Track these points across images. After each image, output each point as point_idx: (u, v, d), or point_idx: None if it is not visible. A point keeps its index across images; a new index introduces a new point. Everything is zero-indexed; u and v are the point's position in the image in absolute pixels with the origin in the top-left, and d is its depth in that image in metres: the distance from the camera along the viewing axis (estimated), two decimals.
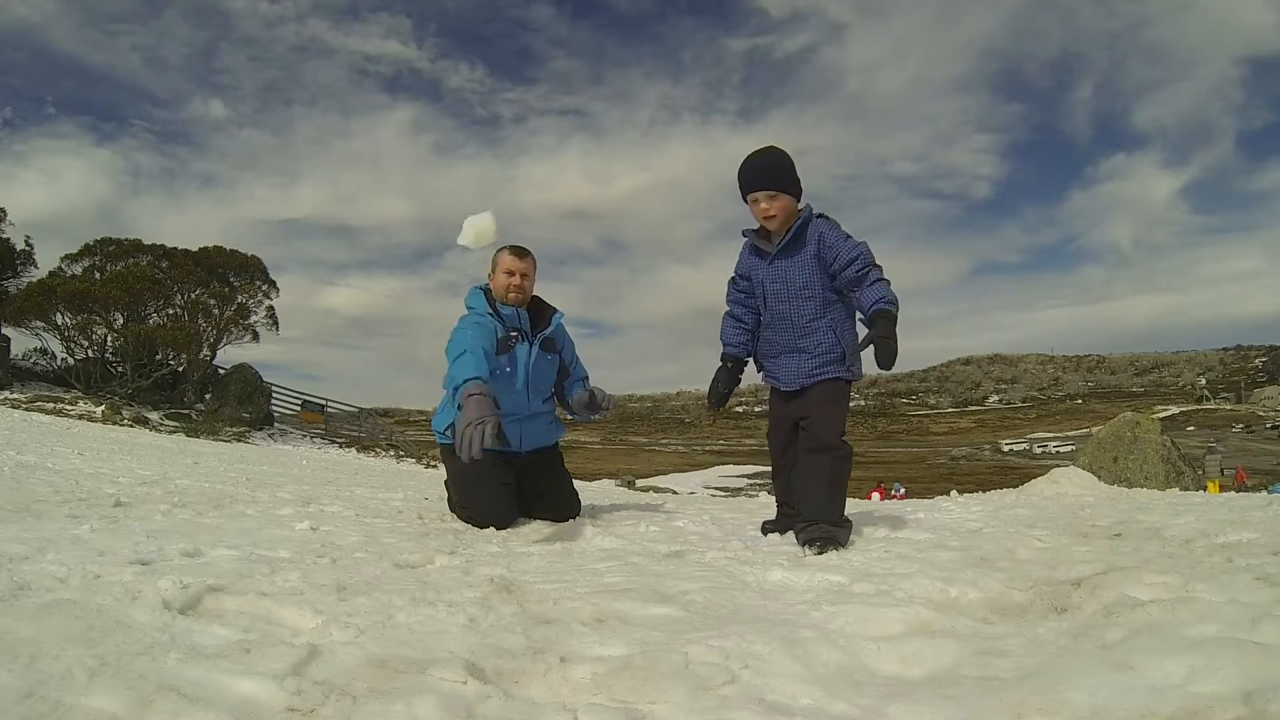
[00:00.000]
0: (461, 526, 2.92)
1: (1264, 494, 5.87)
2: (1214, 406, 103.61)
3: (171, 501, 3.08)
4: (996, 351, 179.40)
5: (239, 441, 14.27)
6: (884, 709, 1.09)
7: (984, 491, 7.40)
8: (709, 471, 67.08)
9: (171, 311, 18.47)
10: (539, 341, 3.01)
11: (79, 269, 18.38)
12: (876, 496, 14.96)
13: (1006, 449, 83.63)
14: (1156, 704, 1.00)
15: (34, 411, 12.11)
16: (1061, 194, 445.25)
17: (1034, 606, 1.63)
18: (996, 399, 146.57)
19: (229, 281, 19.45)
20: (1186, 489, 8.42)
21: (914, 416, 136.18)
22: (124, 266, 18.25)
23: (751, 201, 2.51)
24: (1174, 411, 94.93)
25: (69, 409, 13.29)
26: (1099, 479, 7.37)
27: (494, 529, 2.85)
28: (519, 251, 3.01)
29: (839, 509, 2.46)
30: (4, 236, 18.82)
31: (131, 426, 12.82)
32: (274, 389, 18.97)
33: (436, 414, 3.08)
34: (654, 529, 2.88)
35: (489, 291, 3.02)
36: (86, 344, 17.55)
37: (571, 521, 2.98)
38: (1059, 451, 68.07)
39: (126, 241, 19.28)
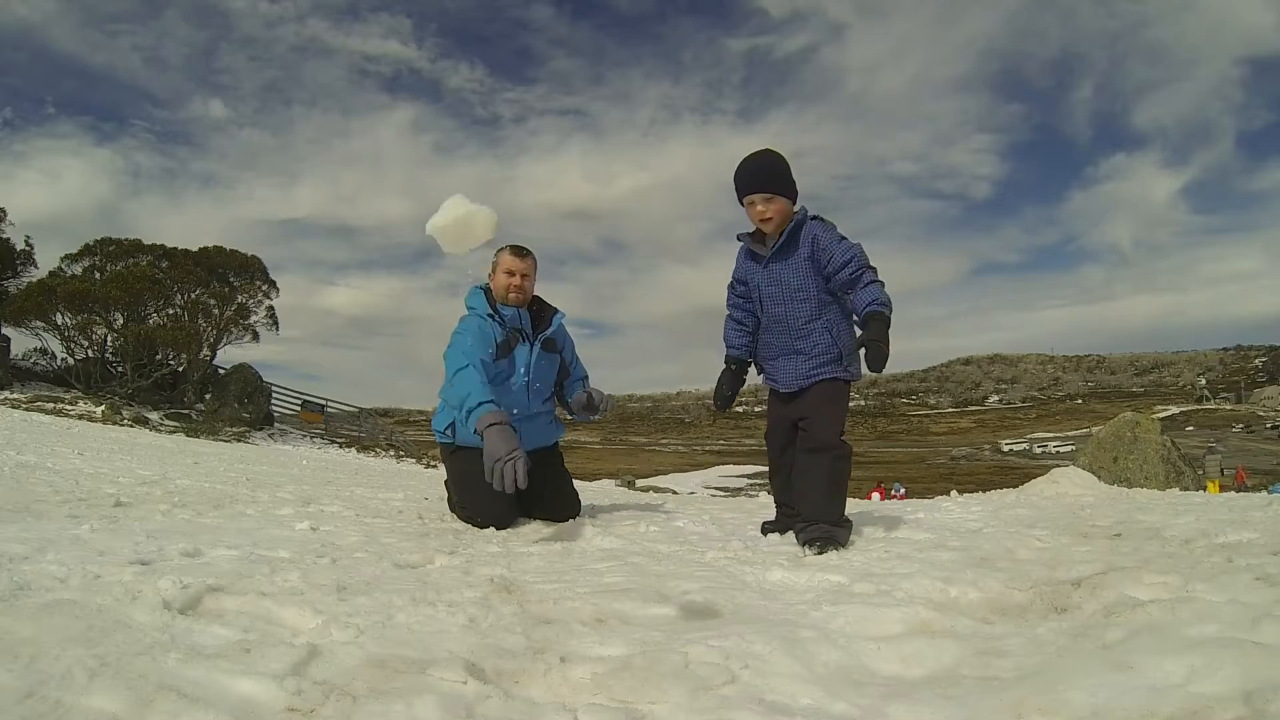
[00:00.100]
0: (461, 526, 2.92)
1: (1264, 494, 5.86)
2: (1214, 406, 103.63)
3: (171, 501, 3.08)
4: (996, 351, 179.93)
5: (239, 441, 14.27)
6: (884, 709, 1.09)
7: (984, 491, 7.38)
8: (709, 471, 67.11)
9: (171, 311, 18.47)
10: (540, 342, 3.01)
11: (79, 269, 18.38)
12: (876, 496, 14.96)
13: (1006, 449, 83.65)
14: (1156, 704, 1.00)
15: (34, 411, 12.11)
16: (1061, 194, 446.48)
17: (1034, 606, 1.63)
18: (996, 399, 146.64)
19: (229, 281, 19.45)
20: (1186, 489, 8.42)
21: (914, 416, 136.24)
22: (124, 266, 18.25)
23: (748, 204, 2.51)
24: (1174, 411, 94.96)
25: (69, 409, 13.29)
26: (1099, 479, 7.35)
27: (494, 529, 2.85)
28: (519, 251, 3.00)
29: (839, 509, 2.46)
30: (4, 236, 18.83)
31: (131, 426, 12.82)
32: (274, 389, 18.97)
33: (436, 414, 3.08)
34: (654, 529, 2.88)
35: (489, 291, 3.02)
36: (86, 344, 17.55)
37: (571, 521, 2.98)
38: (1059, 451, 68.09)
39: (126, 241, 19.28)
